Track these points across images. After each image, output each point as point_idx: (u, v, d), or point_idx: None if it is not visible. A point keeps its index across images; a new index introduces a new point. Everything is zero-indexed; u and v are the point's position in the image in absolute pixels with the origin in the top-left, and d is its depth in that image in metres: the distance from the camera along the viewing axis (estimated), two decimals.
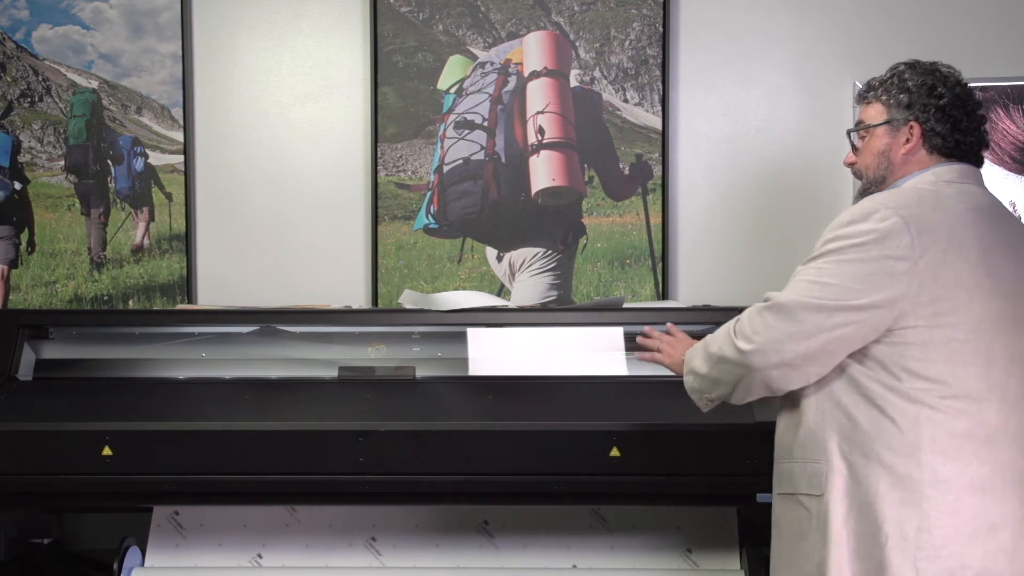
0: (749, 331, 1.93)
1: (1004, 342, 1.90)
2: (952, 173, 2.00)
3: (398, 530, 2.82)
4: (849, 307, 1.86)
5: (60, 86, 3.43)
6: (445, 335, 2.86)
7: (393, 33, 3.37)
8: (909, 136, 2.02)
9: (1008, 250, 1.94)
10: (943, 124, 2.01)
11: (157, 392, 2.77)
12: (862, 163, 2.09)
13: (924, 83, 2.02)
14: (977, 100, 2.05)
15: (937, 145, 2.01)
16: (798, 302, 1.88)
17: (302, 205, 3.40)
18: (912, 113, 2.02)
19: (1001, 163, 3.14)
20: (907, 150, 2.03)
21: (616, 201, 3.33)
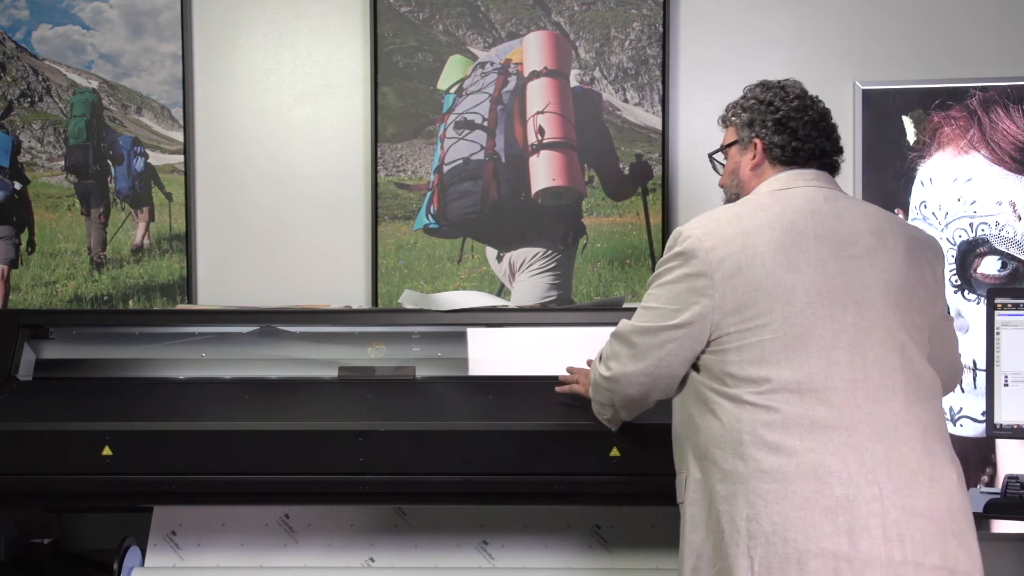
0: (606, 357, 2.17)
1: (819, 333, 1.95)
2: (779, 181, 2.11)
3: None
4: (668, 327, 2.03)
5: (60, 86, 3.43)
6: (445, 335, 2.86)
7: (393, 33, 3.37)
8: (754, 152, 2.16)
9: (820, 241, 2.00)
10: (780, 135, 2.14)
11: (157, 392, 2.77)
12: (722, 182, 2.29)
13: (762, 99, 2.17)
14: (820, 110, 2.16)
15: (777, 156, 2.14)
16: (632, 328, 2.09)
17: (302, 205, 3.40)
18: (754, 130, 2.17)
19: (1001, 163, 3.14)
20: (752, 165, 2.17)
21: (616, 201, 3.33)
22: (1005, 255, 3.13)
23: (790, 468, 1.89)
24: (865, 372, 1.95)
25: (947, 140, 3.16)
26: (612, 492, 2.56)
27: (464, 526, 2.83)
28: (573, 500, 2.68)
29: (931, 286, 2.08)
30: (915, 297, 2.03)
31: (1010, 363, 2.81)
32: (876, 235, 2.04)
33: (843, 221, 2.04)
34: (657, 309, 2.06)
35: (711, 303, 1.99)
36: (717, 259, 2.00)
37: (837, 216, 2.04)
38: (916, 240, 2.09)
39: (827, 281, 1.98)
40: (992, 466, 3.09)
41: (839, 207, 2.06)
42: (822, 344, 1.95)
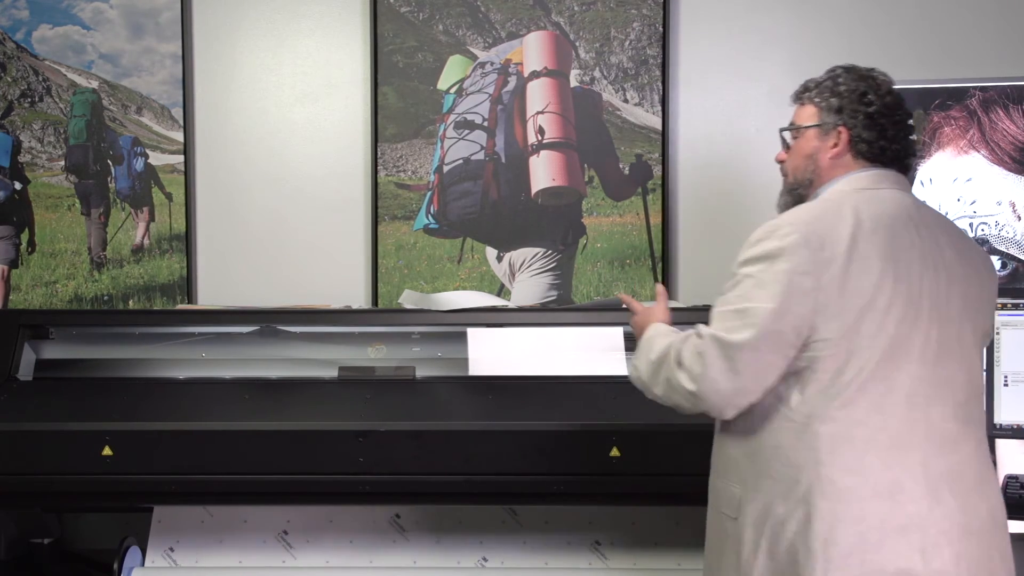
0: (691, 368, 1.93)
1: (907, 347, 1.90)
2: (868, 179, 2.02)
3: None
4: (771, 335, 1.87)
5: (60, 86, 3.43)
6: (445, 335, 2.86)
7: (393, 33, 3.37)
8: (837, 140, 2.04)
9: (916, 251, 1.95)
10: (870, 131, 2.03)
11: (157, 392, 2.77)
12: (791, 164, 2.12)
13: (855, 89, 2.05)
14: (907, 110, 2.08)
15: (863, 151, 2.04)
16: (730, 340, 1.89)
17: (302, 205, 3.40)
18: (841, 118, 2.04)
19: (1001, 163, 3.14)
20: (834, 154, 2.05)
21: (616, 201, 3.33)
22: (1005, 255, 3.13)
23: (866, 488, 1.84)
24: (939, 389, 1.92)
25: (947, 140, 3.16)
26: (612, 492, 2.56)
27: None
28: (573, 500, 2.68)
29: (991, 305, 2.07)
30: (980, 314, 2.02)
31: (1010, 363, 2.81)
32: (955, 249, 2.01)
33: (931, 232, 1.99)
34: (756, 313, 1.88)
35: (815, 305, 1.87)
36: (825, 260, 1.88)
37: (927, 226, 1.99)
38: (981, 257, 2.07)
39: (919, 293, 1.92)
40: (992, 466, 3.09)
41: (925, 216, 2.02)
42: (910, 358, 1.90)
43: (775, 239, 1.91)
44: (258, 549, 2.84)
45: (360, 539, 2.83)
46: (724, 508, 1.99)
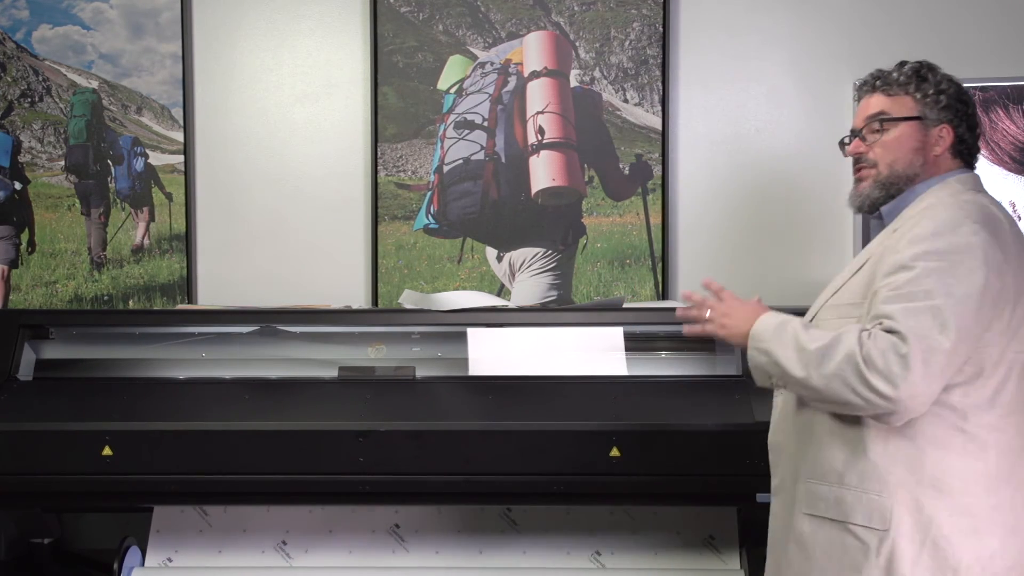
0: (889, 372, 1.75)
1: None
2: (971, 181, 1.97)
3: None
4: (966, 334, 1.77)
5: (60, 86, 3.43)
6: (445, 335, 2.86)
7: (393, 33, 3.37)
8: (940, 137, 1.97)
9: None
10: (971, 132, 1.99)
11: (157, 392, 2.77)
12: (885, 156, 1.99)
13: (955, 88, 2.00)
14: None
15: (961, 151, 1.99)
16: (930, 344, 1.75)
17: (302, 205, 3.40)
18: (947, 115, 1.98)
19: (1001, 163, 3.14)
20: (938, 152, 1.97)
21: (616, 201, 3.33)
22: None
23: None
24: None
25: None
26: (612, 492, 2.56)
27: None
28: (573, 500, 2.68)
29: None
30: None
31: None
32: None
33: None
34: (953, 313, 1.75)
35: (997, 308, 1.79)
36: (1006, 260, 1.81)
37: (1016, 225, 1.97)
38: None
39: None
40: None
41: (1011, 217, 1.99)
42: None
43: (962, 235, 1.80)
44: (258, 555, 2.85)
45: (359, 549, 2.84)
46: (862, 520, 1.84)
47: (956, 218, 1.83)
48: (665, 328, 2.84)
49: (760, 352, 1.92)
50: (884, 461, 1.83)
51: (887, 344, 1.75)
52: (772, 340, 1.90)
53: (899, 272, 1.81)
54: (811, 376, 1.82)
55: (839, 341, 1.80)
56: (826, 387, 1.81)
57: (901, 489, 1.82)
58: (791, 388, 1.92)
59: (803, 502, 1.93)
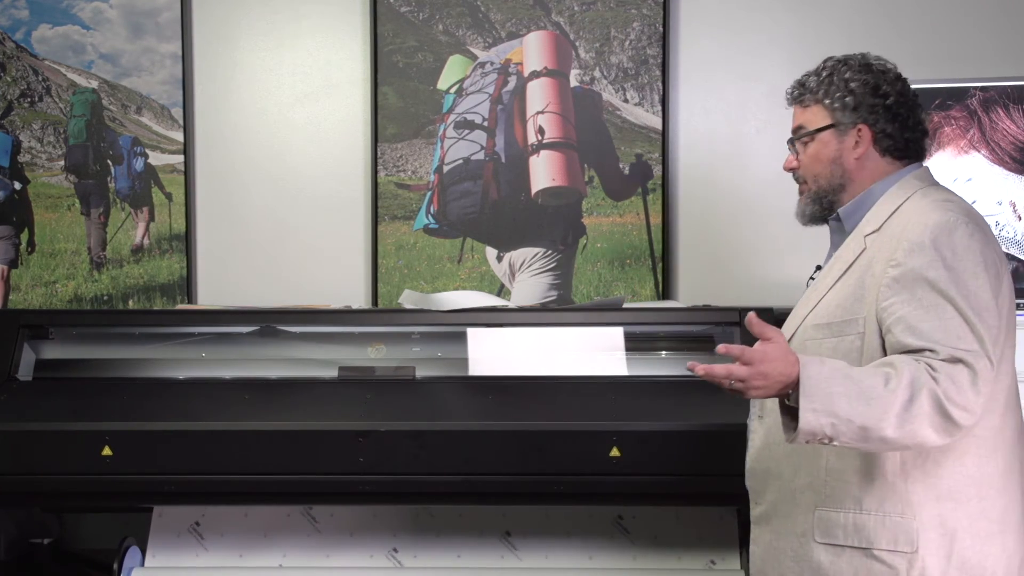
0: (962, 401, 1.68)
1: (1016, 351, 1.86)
2: (928, 176, 1.94)
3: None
4: (1000, 343, 1.74)
5: (60, 86, 3.43)
6: (445, 335, 2.86)
7: (393, 33, 3.37)
8: (858, 139, 1.92)
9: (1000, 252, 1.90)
10: (892, 124, 1.91)
11: (157, 392, 2.76)
12: (809, 170, 1.97)
13: (867, 82, 1.92)
14: (915, 92, 1.96)
15: (888, 147, 1.92)
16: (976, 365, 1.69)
17: (302, 205, 3.40)
18: (859, 115, 1.92)
19: (1001, 163, 3.13)
20: (859, 155, 1.92)
21: (616, 201, 3.33)
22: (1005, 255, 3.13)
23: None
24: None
25: (947, 140, 3.16)
26: (612, 492, 2.56)
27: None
28: (573, 500, 2.68)
29: None
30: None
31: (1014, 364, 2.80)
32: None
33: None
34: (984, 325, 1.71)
35: (1008, 307, 1.77)
36: (1000, 253, 1.80)
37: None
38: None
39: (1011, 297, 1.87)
40: None
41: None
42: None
43: (960, 237, 1.76)
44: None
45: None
46: (888, 545, 1.78)
47: (949, 221, 1.78)
48: (665, 328, 2.84)
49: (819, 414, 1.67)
50: (902, 480, 1.78)
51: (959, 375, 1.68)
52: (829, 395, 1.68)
53: (910, 287, 1.75)
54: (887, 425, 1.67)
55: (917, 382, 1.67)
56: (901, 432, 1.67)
57: (923, 507, 1.77)
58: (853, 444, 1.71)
59: (817, 531, 1.85)
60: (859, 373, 1.70)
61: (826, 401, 1.66)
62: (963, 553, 1.76)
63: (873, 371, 1.70)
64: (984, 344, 1.70)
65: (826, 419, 1.66)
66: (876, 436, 1.67)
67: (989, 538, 1.78)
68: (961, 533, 1.77)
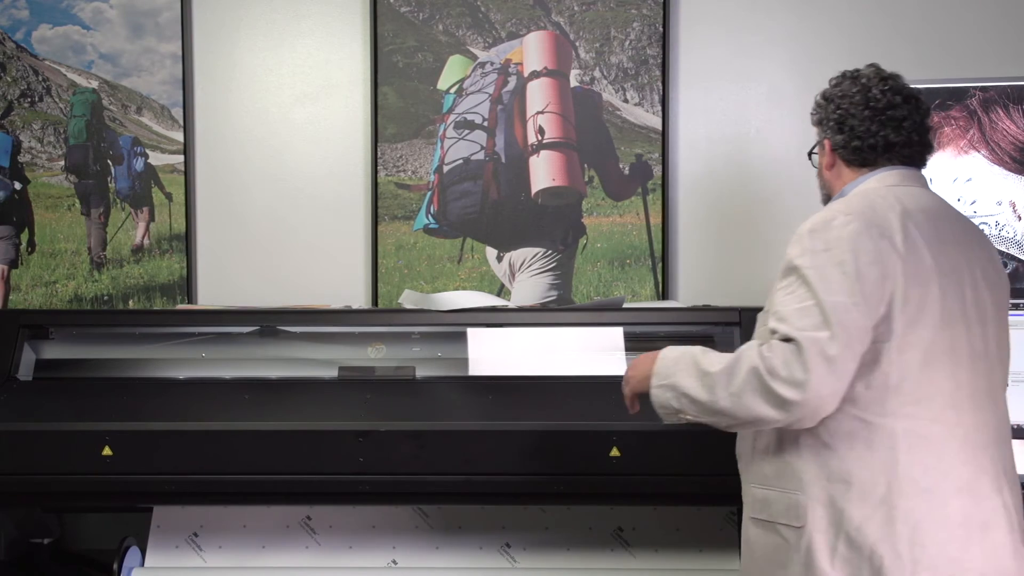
0: (792, 377, 1.78)
1: (964, 340, 1.89)
2: (893, 177, 1.99)
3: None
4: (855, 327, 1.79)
5: (60, 86, 3.43)
6: (445, 335, 2.86)
7: (393, 33, 3.37)
8: (825, 153, 2.06)
9: (955, 247, 1.93)
10: (840, 134, 2.02)
11: (157, 392, 2.77)
12: (819, 180, 2.14)
13: (828, 97, 2.05)
14: (890, 100, 2.00)
15: (846, 158, 2.03)
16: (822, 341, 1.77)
17: (302, 205, 3.40)
18: (822, 130, 2.06)
19: (1001, 163, 3.14)
20: (827, 165, 2.06)
21: (616, 201, 3.33)
22: (1005, 255, 3.13)
23: (948, 485, 1.82)
24: (991, 384, 1.93)
25: (947, 140, 3.16)
26: (612, 492, 2.56)
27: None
28: (573, 500, 2.68)
29: (1007, 302, 2.05)
30: (1003, 313, 2.01)
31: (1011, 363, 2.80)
32: (981, 247, 2.00)
33: (964, 229, 1.98)
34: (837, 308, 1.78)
35: (883, 294, 1.82)
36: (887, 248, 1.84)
37: (959, 222, 1.99)
38: (999, 262, 2.05)
39: (964, 290, 1.91)
40: None
41: (955, 213, 2.01)
42: (968, 353, 1.88)
43: (834, 229, 1.85)
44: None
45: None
46: (782, 518, 1.89)
47: (830, 214, 1.88)
48: (665, 328, 2.84)
49: (663, 388, 1.95)
50: (797, 460, 1.88)
51: (786, 351, 1.79)
52: (673, 373, 1.94)
53: (785, 275, 1.87)
54: (718, 399, 1.86)
55: (740, 359, 1.85)
56: (735, 406, 1.84)
57: (814, 485, 1.86)
58: (701, 416, 1.92)
59: (749, 507, 1.99)
60: (706, 355, 1.91)
61: (670, 377, 1.93)
62: (851, 534, 1.82)
63: (719, 353, 1.90)
64: (833, 328, 1.77)
65: (670, 392, 1.93)
66: (715, 408, 1.86)
67: (883, 524, 1.81)
68: (850, 515, 1.82)
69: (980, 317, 1.92)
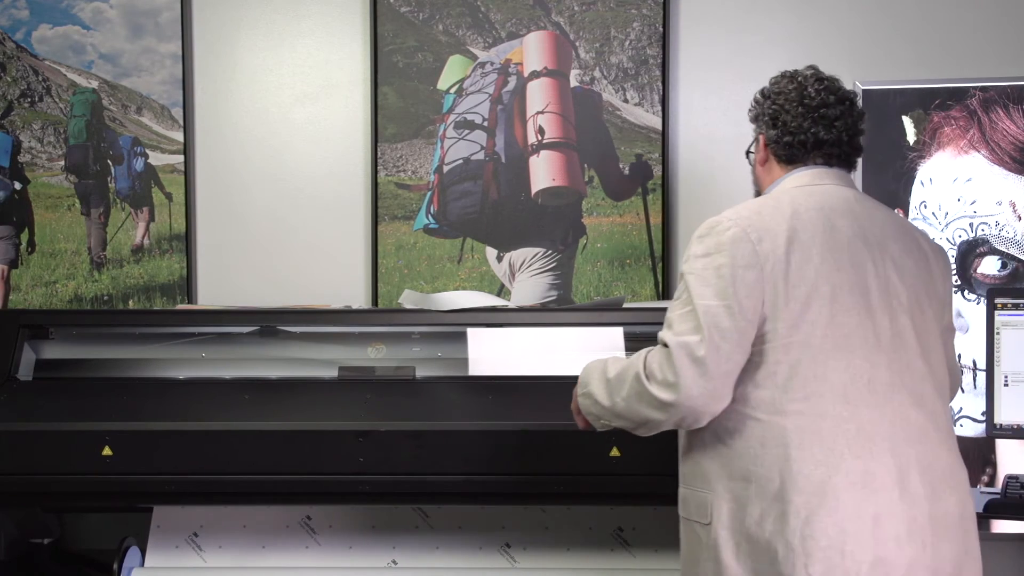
0: (664, 379, 1.88)
1: (866, 331, 1.92)
2: (804, 177, 2.04)
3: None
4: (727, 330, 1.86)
5: (60, 86, 3.43)
6: (445, 335, 2.86)
7: (393, 33, 3.37)
8: (758, 148, 2.13)
9: (860, 242, 1.96)
10: (774, 130, 2.08)
11: (157, 392, 2.77)
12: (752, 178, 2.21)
13: (765, 94, 2.11)
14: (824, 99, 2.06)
15: (778, 153, 2.08)
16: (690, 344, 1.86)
17: (302, 205, 3.40)
18: (757, 126, 2.13)
19: (1001, 163, 3.14)
20: (759, 160, 2.13)
21: (616, 201, 3.33)
22: (1005, 255, 3.13)
23: (839, 478, 1.85)
24: (901, 376, 1.93)
25: (947, 140, 3.16)
26: (612, 492, 2.56)
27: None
28: (573, 500, 2.68)
29: (943, 296, 2.07)
30: (932, 305, 2.03)
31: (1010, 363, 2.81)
32: (901, 241, 2.02)
33: (875, 223, 2.01)
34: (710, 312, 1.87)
35: (762, 296, 1.88)
36: (765, 251, 1.90)
37: (870, 218, 2.01)
38: (932, 250, 2.08)
39: (867, 283, 1.94)
40: (992, 466, 3.09)
41: (869, 209, 2.03)
42: (865, 347, 1.91)
43: (715, 235, 1.94)
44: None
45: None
46: (695, 516, 1.97)
47: (716, 219, 1.96)
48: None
49: (584, 396, 2.07)
50: (704, 459, 1.96)
51: (660, 355, 1.90)
52: (589, 381, 2.06)
53: (680, 280, 1.96)
54: (616, 403, 1.98)
55: (631, 364, 1.95)
56: (627, 409, 1.96)
57: (719, 483, 1.92)
58: (613, 421, 2.02)
59: (679, 506, 2.06)
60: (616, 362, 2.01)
61: (587, 386, 2.05)
62: (750, 527, 1.87)
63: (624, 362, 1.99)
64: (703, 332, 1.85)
65: (588, 399, 2.05)
66: (615, 412, 1.98)
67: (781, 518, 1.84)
68: (749, 506, 1.87)
69: (889, 307, 1.95)
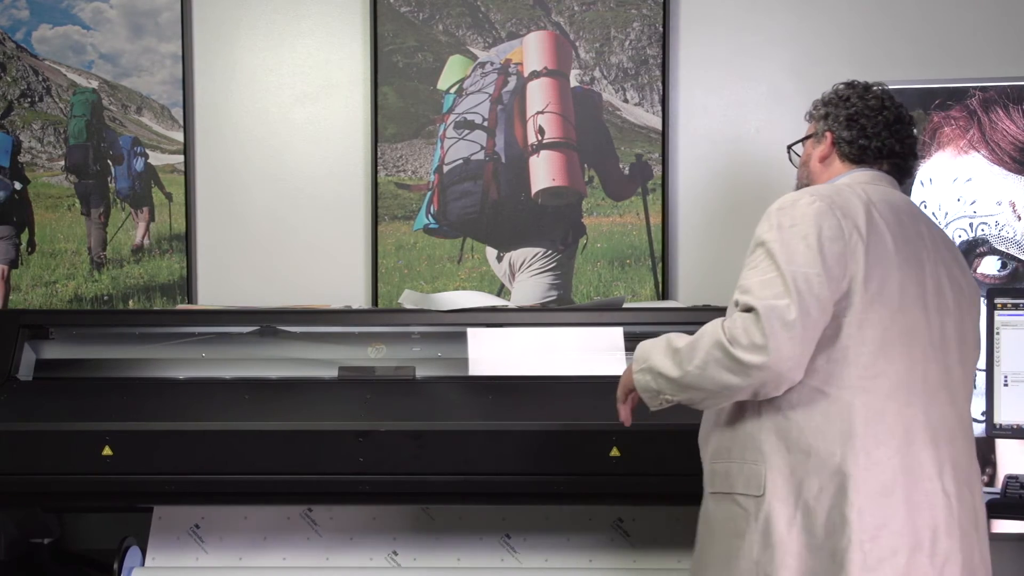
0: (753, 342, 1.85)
1: (922, 326, 1.96)
2: (865, 176, 2.10)
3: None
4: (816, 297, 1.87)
5: (60, 86, 3.43)
6: (445, 335, 2.86)
7: (393, 33, 3.37)
8: (821, 144, 2.18)
9: (918, 240, 2.01)
10: (849, 131, 2.13)
11: (157, 392, 2.77)
12: (797, 174, 2.27)
13: (840, 95, 2.18)
14: (895, 110, 2.15)
15: (846, 152, 2.14)
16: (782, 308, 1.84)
17: (302, 205, 3.40)
18: (827, 123, 2.17)
19: (1001, 163, 3.14)
20: (820, 156, 2.17)
21: (616, 201, 3.33)
22: (1005, 255, 3.13)
23: (895, 462, 1.88)
24: (947, 376, 1.98)
25: (947, 140, 3.16)
26: (612, 492, 2.56)
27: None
28: (573, 500, 2.68)
29: (976, 313, 2.12)
30: (971, 313, 2.09)
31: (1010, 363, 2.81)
32: (949, 250, 2.09)
33: (929, 227, 2.07)
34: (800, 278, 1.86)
35: (845, 269, 1.90)
36: (849, 227, 1.92)
37: (926, 221, 2.08)
38: (965, 265, 2.14)
39: (924, 280, 1.99)
40: (992, 466, 3.09)
41: (920, 214, 2.10)
42: (923, 342, 1.95)
43: (799, 207, 1.95)
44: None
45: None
46: (742, 489, 1.95)
47: (797, 194, 1.99)
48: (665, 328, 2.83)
49: (643, 372, 2.05)
50: (759, 432, 1.95)
51: (745, 320, 1.87)
52: (649, 356, 2.04)
53: (753, 251, 1.97)
54: (687, 372, 1.94)
55: (703, 333, 1.94)
56: (701, 377, 1.92)
57: (774, 455, 1.92)
58: (677, 395, 2.00)
59: (708, 483, 2.07)
60: (679, 336, 2.00)
61: (647, 360, 2.03)
62: (809, 503, 1.88)
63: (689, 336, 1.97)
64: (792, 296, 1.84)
65: (649, 374, 2.03)
66: (685, 383, 1.95)
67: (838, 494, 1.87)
68: (809, 484, 1.88)
69: (940, 308, 2.00)
